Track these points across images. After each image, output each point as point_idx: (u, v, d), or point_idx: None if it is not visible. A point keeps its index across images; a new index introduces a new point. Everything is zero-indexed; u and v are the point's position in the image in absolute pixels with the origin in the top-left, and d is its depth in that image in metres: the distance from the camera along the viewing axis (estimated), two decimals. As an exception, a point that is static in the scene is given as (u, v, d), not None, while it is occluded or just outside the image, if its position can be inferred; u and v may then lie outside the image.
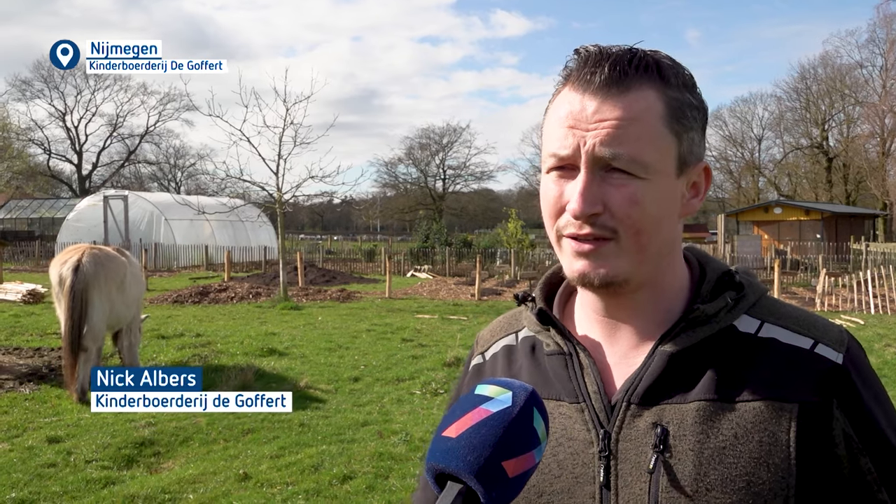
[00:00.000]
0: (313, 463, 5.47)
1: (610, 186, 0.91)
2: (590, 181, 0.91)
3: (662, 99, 0.92)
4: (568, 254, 0.95)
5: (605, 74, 0.91)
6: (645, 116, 0.91)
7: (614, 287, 0.95)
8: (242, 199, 27.36)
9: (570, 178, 0.93)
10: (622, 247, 0.92)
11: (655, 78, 0.93)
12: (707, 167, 1.00)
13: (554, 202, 0.94)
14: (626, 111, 0.90)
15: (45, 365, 8.81)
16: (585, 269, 0.94)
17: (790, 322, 0.97)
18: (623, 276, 0.94)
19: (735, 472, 0.88)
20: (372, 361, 9.60)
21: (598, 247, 0.92)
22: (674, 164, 0.94)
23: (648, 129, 0.91)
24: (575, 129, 0.92)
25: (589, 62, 0.93)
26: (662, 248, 0.96)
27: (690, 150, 0.95)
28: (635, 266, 0.94)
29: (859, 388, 0.92)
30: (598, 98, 0.91)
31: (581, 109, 0.92)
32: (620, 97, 0.91)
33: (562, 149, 0.93)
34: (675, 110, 0.93)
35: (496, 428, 0.75)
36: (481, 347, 1.17)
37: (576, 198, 0.91)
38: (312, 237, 57.21)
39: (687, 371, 0.94)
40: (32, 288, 15.96)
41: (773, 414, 0.90)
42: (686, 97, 0.95)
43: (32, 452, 5.72)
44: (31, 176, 54.69)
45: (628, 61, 0.92)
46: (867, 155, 49.09)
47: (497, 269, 26.26)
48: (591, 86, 0.92)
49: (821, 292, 16.52)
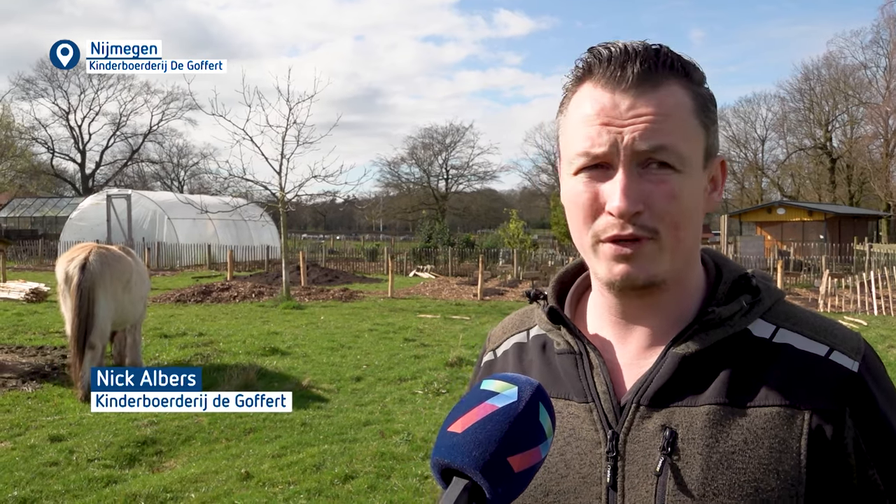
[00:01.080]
0: (315, 462, 5.46)
1: (648, 183, 0.90)
2: (631, 177, 0.90)
3: (690, 94, 0.93)
4: (607, 257, 0.93)
5: (637, 70, 0.91)
6: (677, 110, 0.92)
7: (652, 287, 0.94)
8: (245, 198, 27.35)
9: (603, 178, 0.92)
10: (662, 245, 0.91)
11: (681, 73, 0.94)
12: (723, 161, 1.00)
13: (588, 205, 0.92)
14: (660, 106, 0.91)
15: (48, 363, 8.81)
16: (629, 272, 0.92)
17: (806, 328, 0.96)
18: (662, 276, 0.93)
19: (743, 478, 0.87)
20: (374, 361, 9.59)
21: (639, 248, 0.91)
22: (702, 157, 0.95)
23: (682, 122, 0.92)
24: (610, 125, 0.91)
25: (613, 60, 0.93)
26: (694, 243, 0.96)
27: (714, 143, 0.97)
28: (673, 264, 0.93)
29: (875, 396, 0.91)
30: (631, 95, 0.91)
31: (613, 106, 0.91)
32: (654, 93, 0.91)
33: (595, 147, 0.91)
34: (701, 104, 0.94)
35: (502, 423, 0.74)
36: (493, 344, 1.16)
37: (618, 195, 0.89)
38: (315, 237, 57.27)
39: (699, 374, 0.93)
40: (35, 287, 15.99)
41: (785, 420, 0.89)
42: (706, 91, 0.96)
43: (35, 451, 5.72)
44: (35, 175, 54.82)
45: (656, 57, 0.92)
46: (871, 156, 49.01)
47: (500, 270, 26.24)
48: (624, 82, 0.91)
49: (824, 293, 16.48)
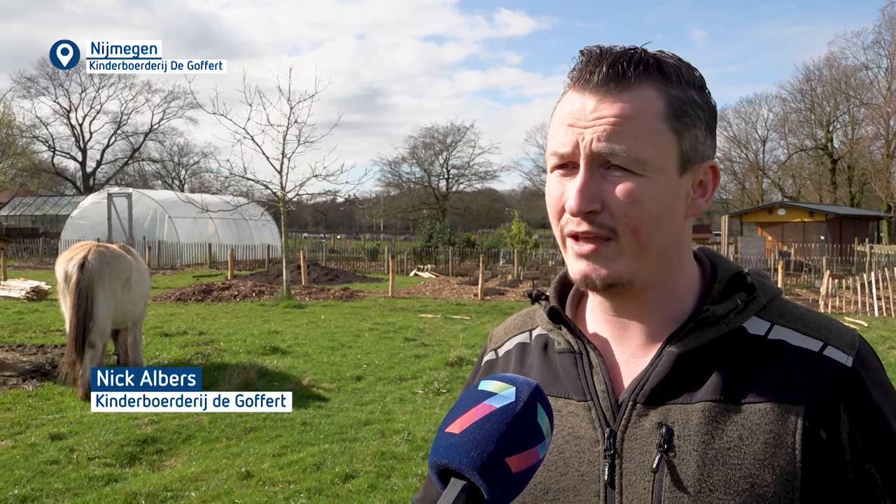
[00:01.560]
0: (315, 462, 5.47)
1: (608, 184, 0.91)
2: (588, 178, 0.91)
3: (663, 97, 0.92)
4: (571, 256, 0.96)
5: (604, 73, 0.92)
6: (643, 114, 0.91)
7: (617, 288, 0.95)
8: (246, 197, 27.39)
9: (572, 176, 0.94)
10: (621, 246, 0.92)
11: (656, 76, 0.93)
12: (714, 166, 0.99)
13: (556, 201, 0.95)
14: (623, 108, 0.91)
15: (49, 362, 8.82)
16: (587, 271, 0.94)
17: (800, 324, 0.96)
18: (626, 278, 0.94)
19: (739, 474, 0.88)
20: (374, 360, 9.60)
21: (598, 247, 0.93)
22: (675, 162, 0.93)
23: (646, 126, 0.91)
24: (574, 126, 0.93)
25: (590, 62, 0.94)
26: (666, 247, 0.95)
27: (694, 147, 0.95)
28: (637, 266, 0.93)
29: (869, 391, 0.91)
30: (597, 96, 0.92)
31: (581, 108, 0.93)
32: (619, 95, 0.91)
33: (562, 146, 0.94)
34: (675, 108, 0.93)
35: (499, 423, 0.75)
36: (495, 344, 1.17)
37: (573, 195, 0.91)
38: (316, 236, 57.26)
39: (694, 372, 0.94)
40: (36, 285, 16.00)
41: (780, 416, 0.89)
42: (690, 95, 0.95)
43: (35, 449, 5.73)
44: (36, 173, 54.81)
45: (627, 60, 0.93)
46: (872, 157, 48.97)
47: (500, 269, 26.24)
48: (590, 84, 0.93)
49: (824, 294, 16.48)
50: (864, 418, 0.90)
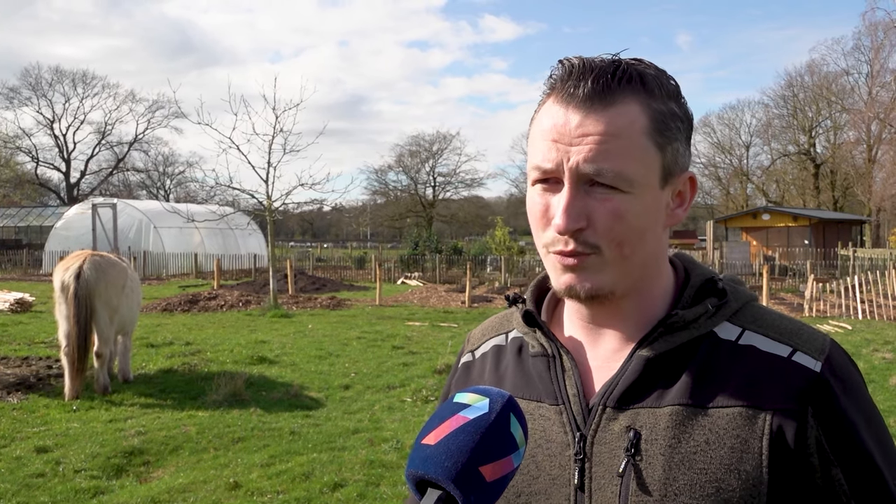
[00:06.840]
0: (304, 471, 5.46)
1: (594, 201, 0.91)
2: (573, 196, 0.91)
3: (646, 112, 0.92)
4: (554, 267, 0.96)
5: (589, 88, 0.91)
6: (628, 131, 0.91)
7: (599, 299, 0.96)
8: (232, 206, 27.35)
9: (554, 190, 0.94)
10: (605, 259, 0.93)
11: (639, 90, 0.92)
12: (692, 176, 0.99)
13: (540, 215, 0.95)
14: (609, 126, 0.90)
15: (33, 374, 8.73)
16: (571, 283, 0.95)
17: (771, 330, 0.97)
18: (608, 289, 0.95)
19: (704, 478, 0.88)
20: (363, 369, 9.59)
21: (582, 260, 0.93)
22: (658, 176, 0.94)
23: (632, 143, 0.91)
24: (558, 143, 0.92)
25: (573, 75, 0.93)
26: (647, 258, 0.97)
27: (675, 160, 0.95)
28: (619, 277, 0.95)
29: (837, 397, 0.91)
30: (582, 112, 0.91)
31: (564, 123, 0.92)
32: (604, 111, 0.90)
33: (545, 162, 0.93)
34: (658, 122, 0.93)
35: (473, 434, 0.77)
36: (472, 346, 1.19)
37: (560, 214, 0.91)
38: (302, 245, 57.12)
39: (663, 376, 0.95)
40: (20, 297, 15.85)
41: (746, 421, 0.90)
42: (671, 107, 0.94)
43: (20, 462, 5.68)
44: (19, 184, 54.37)
45: (612, 74, 0.92)
46: (854, 161, 49.54)
47: (487, 276, 26.27)
48: (575, 99, 0.92)
49: (809, 298, 16.61)
50: (832, 424, 0.90)
